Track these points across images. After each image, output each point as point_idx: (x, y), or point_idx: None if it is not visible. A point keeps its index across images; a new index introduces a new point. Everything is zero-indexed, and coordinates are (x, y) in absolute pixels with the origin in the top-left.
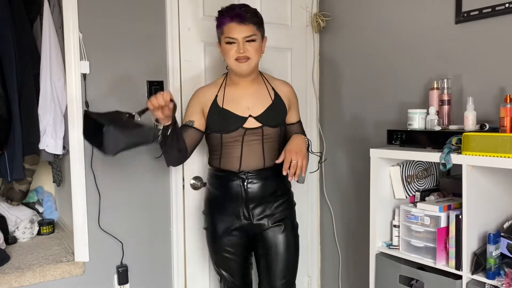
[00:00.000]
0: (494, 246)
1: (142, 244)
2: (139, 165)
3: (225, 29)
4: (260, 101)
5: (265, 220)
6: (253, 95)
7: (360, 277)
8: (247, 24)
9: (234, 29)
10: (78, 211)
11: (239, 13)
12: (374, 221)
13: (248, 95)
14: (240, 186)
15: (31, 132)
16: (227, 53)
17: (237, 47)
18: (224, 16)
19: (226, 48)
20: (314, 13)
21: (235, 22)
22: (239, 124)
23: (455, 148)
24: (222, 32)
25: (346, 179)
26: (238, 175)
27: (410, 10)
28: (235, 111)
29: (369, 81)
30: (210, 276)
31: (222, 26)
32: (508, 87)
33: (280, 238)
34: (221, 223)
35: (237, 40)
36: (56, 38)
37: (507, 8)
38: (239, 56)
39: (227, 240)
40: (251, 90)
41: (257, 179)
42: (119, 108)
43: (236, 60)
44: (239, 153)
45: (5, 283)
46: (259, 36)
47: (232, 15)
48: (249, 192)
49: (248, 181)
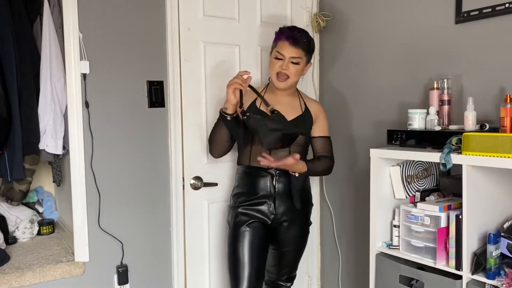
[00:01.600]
0: (494, 246)
1: (142, 244)
2: (139, 165)
3: (279, 44)
4: (292, 110)
5: (286, 216)
6: (286, 104)
7: (360, 277)
8: (298, 47)
9: (286, 48)
10: (78, 211)
11: (295, 36)
12: (374, 221)
13: (282, 103)
14: (269, 182)
15: (31, 132)
16: (273, 65)
17: (281, 63)
18: (282, 33)
19: (273, 61)
20: (314, 13)
21: (288, 42)
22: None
23: (455, 148)
24: (276, 46)
25: (346, 179)
26: (268, 172)
27: (410, 10)
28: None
29: (369, 81)
30: (210, 276)
31: (277, 41)
32: (508, 87)
33: (295, 234)
34: (245, 216)
35: (284, 58)
36: (56, 38)
37: (507, 8)
38: (281, 71)
39: (250, 229)
40: (286, 99)
41: (284, 177)
42: (119, 108)
43: (277, 75)
44: (269, 153)
45: (5, 283)
46: (303, 61)
47: (289, 35)
48: (276, 188)
49: (276, 178)
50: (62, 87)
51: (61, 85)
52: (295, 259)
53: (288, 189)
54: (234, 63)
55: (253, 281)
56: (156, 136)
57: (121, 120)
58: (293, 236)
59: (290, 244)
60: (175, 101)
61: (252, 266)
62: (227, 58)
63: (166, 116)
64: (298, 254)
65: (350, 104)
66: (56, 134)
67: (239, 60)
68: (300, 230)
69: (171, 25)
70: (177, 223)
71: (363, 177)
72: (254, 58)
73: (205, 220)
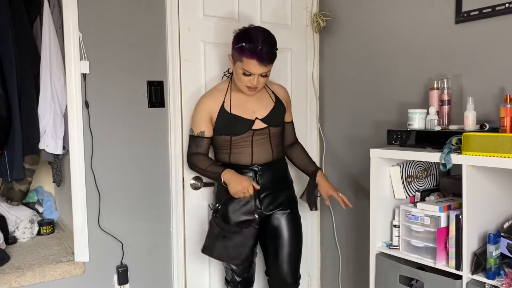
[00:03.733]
0: (494, 246)
1: (142, 244)
2: (139, 165)
3: (245, 61)
4: (264, 105)
5: (271, 206)
6: (257, 100)
7: (360, 277)
8: (267, 64)
9: (254, 66)
10: (78, 211)
11: (262, 55)
12: (374, 221)
13: (253, 100)
14: (252, 178)
15: (31, 132)
16: (240, 79)
17: (251, 78)
18: (247, 51)
19: (240, 75)
20: (314, 13)
21: (256, 60)
22: (248, 127)
23: (455, 148)
24: (241, 61)
25: (346, 179)
26: (251, 168)
27: (410, 10)
28: (243, 115)
29: (369, 81)
30: (210, 276)
31: (242, 56)
32: (508, 87)
33: (285, 222)
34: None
35: (254, 75)
36: (56, 38)
37: (507, 8)
38: (251, 86)
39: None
40: (255, 95)
41: (267, 171)
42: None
43: (246, 86)
44: (250, 151)
45: (5, 283)
46: (270, 71)
47: (256, 53)
48: (260, 183)
49: (260, 173)
50: (62, 87)
51: (61, 85)
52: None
53: (271, 181)
54: None
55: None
56: (156, 136)
57: (121, 120)
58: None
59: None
60: (175, 101)
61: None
62: (227, 58)
63: (166, 116)
64: (292, 244)
65: (350, 104)
66: (56, 134)
67: None
68: (290, 217)
69: (171, 25)
70: (177, 223)
71: (363, 177)
72: None
73: (205, 220)
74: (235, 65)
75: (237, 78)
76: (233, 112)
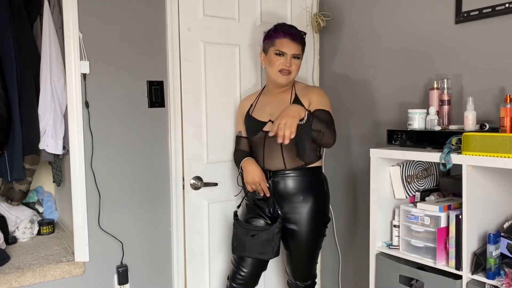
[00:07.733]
0: (494, 246)
1: (142, 244)
2: (139, 165)
3: (277, 42)
4: (280, 107)
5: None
6: (277, 102)
7: (360, 277)
8: (297, 43)
9: (286, 44)
10: (78, 211)
11: (293, 32)
12: (374, 221)
13: (273, 103)
14: (269, 184)
15: (31, 132)
16: (273, 63)
17: (284, 60)
18: (279, 31)
19: (273, 58)
20: (314, 13)
21: (288, 38)
22: (258, 128)
23: (455, 148)
24: (273, 44)
25: (346, 179)
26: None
27: (410, 10)
28: (258, 117)
29: (369, 81)
30: (210, 276)
31: (274, 39)
32: (508, 87)
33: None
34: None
35: (286, 54)
36: (56, 38)
37: (507, 8)
38: (284, 68)
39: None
40: (276, 99)
41: (280, 178)
42: (119, 108)
43: (279, 72)
44: (262, 154)
45: (5, 283)
46: (301, 56)
47: (287, 32)
48: (273, 191)
49: (273, 179)
50: (62, 87)
51: (61, 85)
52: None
53: (284, 190)
54: (234, 63)
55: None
56: (156, 136)
57: (121, 120)
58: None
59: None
60: (175, 101)
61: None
62: (227, 58)
63: (166, 116)
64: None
65: (350, 104)
66: (56, 134)
67: (239, 60)
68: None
69: (171, 25)
70: (177, 223)
71: (363, 177)
72: (254, 58)
73: (205, 220)
74: (268, 54)
75: (269, 67)
76: (252, 114)
